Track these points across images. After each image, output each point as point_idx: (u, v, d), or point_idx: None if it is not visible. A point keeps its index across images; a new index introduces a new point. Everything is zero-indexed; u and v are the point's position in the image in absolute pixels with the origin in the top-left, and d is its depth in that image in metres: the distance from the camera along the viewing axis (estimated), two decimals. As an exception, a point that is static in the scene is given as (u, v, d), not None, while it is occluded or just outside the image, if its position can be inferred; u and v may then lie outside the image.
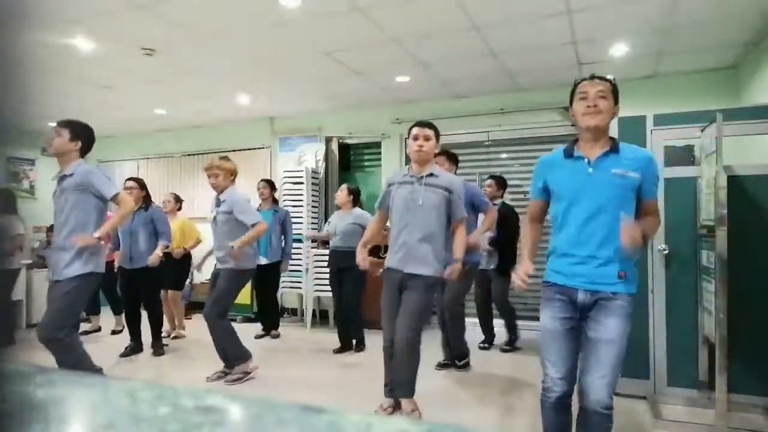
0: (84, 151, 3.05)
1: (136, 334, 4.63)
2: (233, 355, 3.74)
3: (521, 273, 2.04)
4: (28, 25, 3.68)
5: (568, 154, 2.07)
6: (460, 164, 4.31)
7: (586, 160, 2.01)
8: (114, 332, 5.44)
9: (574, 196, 2.01)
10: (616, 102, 2.04)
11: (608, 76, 2.08)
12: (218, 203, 3.77)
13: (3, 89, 0.46)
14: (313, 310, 5.92)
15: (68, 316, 2.88)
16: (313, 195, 6.15)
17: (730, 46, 4.33)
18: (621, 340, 1.93)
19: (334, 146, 6.41)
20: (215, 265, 3.83)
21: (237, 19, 3.74)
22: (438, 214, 2.89)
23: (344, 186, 4.84)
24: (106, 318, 5.67)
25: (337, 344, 4.73)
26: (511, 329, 4.73)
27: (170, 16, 3.68)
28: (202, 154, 7.35)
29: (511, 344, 4.70)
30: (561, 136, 5.56)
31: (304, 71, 4.94)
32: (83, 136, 3.02)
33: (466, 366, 4.07)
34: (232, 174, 3.81)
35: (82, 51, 4.29)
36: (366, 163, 6.74)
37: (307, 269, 5.75)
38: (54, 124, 2.99)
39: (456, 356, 4.08)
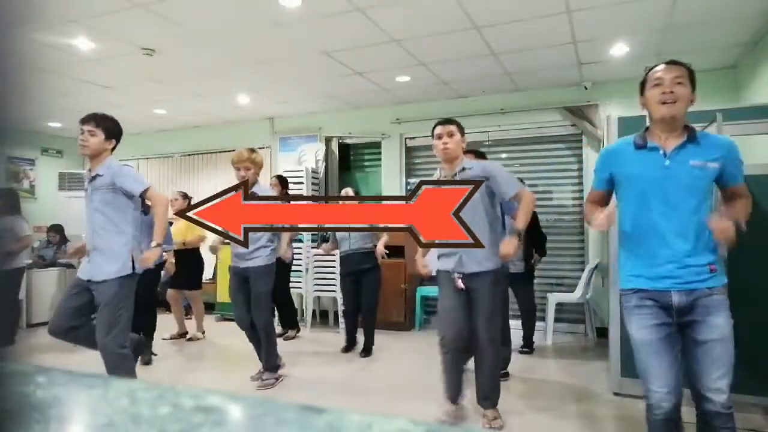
0: (114, 148, 2.95)
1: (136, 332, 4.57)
2: (270, 364, 3.68)
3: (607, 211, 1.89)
4: (28, 25, 3.68)
5: (640, 145, 1.92)
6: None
7: (661, 151, 1.87)
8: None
9: (651, 191, 1.86)
10: (693, 89, 1.88)
11: (686, 63, 1.92)
12: (248, 198, 3.66)
13: (3, 89, 0.46)
14: (313, 310, 5.93)
15: (126, 319, 2.82)
16: (313, 195, 6.15)
17: (730, 46, 4.33)
18: (731, 336, 1.81)
19: (334, 146, 6.41)
20: (235, 264, 3.61)
21: (237, 19, 3.74)
22: (483, 206, 2.75)
23: (349, 189, 4.84)
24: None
25: (339, 344, 4.74)
26: (531, 332, 4.64)
27: (170, 16, 3.68)
28: (202, 154, 7.36)
29: (530, 346, 4.62)
30: (561, 136, 5.58)
31: (304, 71, 4.94)
32: (115, 133, 2.93)
33: (505, 375, 3.76)
34: (261, 168, 3.69)
35: (82, 51, 4.29)
36: (366, 163, 6.74)
37: (307, 269, 5.76)
38: (86, 124, 2.81)
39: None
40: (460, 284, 2.77)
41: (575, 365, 4.22)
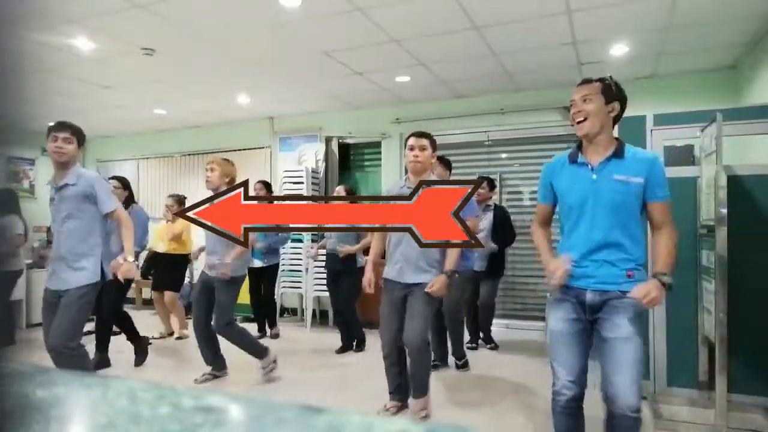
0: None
1: (104, 345, 4.23)
2: (256, 352, 3.77)
3: (561, 264, 1.96)
4: (28, 25, 3.68)
5: (573, 159, 2.06)
6: (460, 164, 4.33)
7: (589, 166, 1.99)
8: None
9: (580, 203, 1.99)
10: (611, 100, 1.97)
11: (604, 76, 2.04)
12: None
13: (3, 89, 0.46)
14: (313, 310, 5.93)
15: (80, 325, 2.89)
16: (313, 195, 6.15)
17: (730, 46, 4.33)
18: (637, 338, 1.90)
19: (334, 146, 6.41)
20: (204, 270, 3.74)
21: (237, 19, 3.74)
22: None
23: (341, 188, 4.83)
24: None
25: (337, 344, 4.74)
26: (488, 328, 4.81)
27: (170, 16, 3.68)
28: (202, 154, 7.35)
29: (489, 341, 4.78)
30: (561, 136, 5.56)
31: (304, 71, 4.94)
32: (84, 140, 3.00)
33: (465, 365, 4.11)
34: (227, 175, 3.71)
35: (82, 51, 4.29)
36: (366, 163, 6.74)
37: (307, 269, 5.76)
38: (61, 131, 2.83)
39: (456, 356, 4.13)
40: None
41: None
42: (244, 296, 5.55)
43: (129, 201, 4.52)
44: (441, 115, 5.79)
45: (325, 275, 5.66)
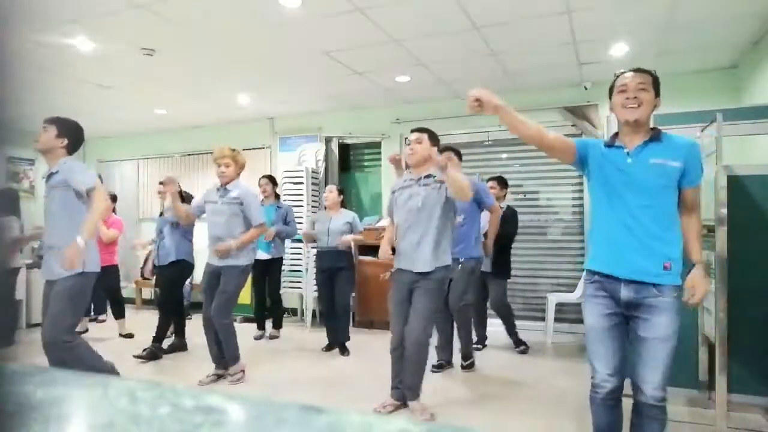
0: (71, 149, 2.97)
1: (180, 331, 4.68)
2: (232, 356, 3.74)
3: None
4: (28, 25, 3.68)
5: (609, 144, 2.06)
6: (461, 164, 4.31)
7: (625, 150, 1.99)
8: (122, 335, 5.31)
9: (614, 186, 1.99)
10: (657, 94, 2.01)
11: (650, 69, 2.04)
12: (224, 193, 3.69)
13: (3, 89, 0.46)
14: (313, 310, 5.92)
15: (69, 316, 2.85)
16: (313, 195, 6.16)
17: (730, 46, 4.33)
18: (673, 338, 1.93)
19: (334, 146, 6.41)
20: (210, 260, 3.72)
21: (237, 19, 3.74)
22: (439, 212, 2.94)
23: (333, 187, 4.84)
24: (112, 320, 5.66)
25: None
26: (513, 331, 4.69)
27: (170, 16, 3.68)
28: (202, 154, 7.35)
29: (518, 345, 4.64)
30: (561, 136, 5.56)
31: (304, 71, 4.94)
32: (70, 132, 2.95)
33: (471, 366, 4.06)
34: (242, 168, 3.78)
35: (82, 51, 4.29)
36: (366, 163, 6.74)
37: (306, 269, 5.75)
38: (43, 123, 2.93)
39: (463, 356, 4.08)
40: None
41: (575, 365, 4.21)
42: (244, 296, 5.55)
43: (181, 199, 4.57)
44: (441, 115, 5.79)
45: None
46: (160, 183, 4.64)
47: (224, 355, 3.74)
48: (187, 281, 5.85)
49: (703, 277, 1.95)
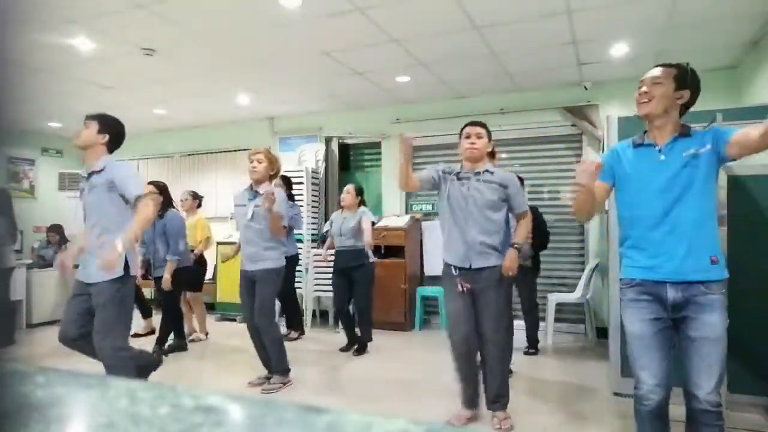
0: (112, 146, 2.89)
1: (179, 331, 4.67)
2: (280, 368, 3.61)
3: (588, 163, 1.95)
4: (28, 25, 3.68)
5: (638, 143, 2.01)
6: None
7: (657, 147, 1.94)
8: (136, 335, 5.17)
9: (649, 185, 1.92)
10: (683, 87, 1.92)
11: (682, 63, 1.99)
12: (254, 196, 3.53)
13: (3, 89, 0.46)
14: (313, 310, 5.93)
15: (123, 322, 2.76)
16: (313, 195, 6.16)
17: (730, 46, 4.33)
18: (724, 338, 1.84)
19: (334, 146, 6.41)
20: (244, 267, 3.56)
21: (237, 19, 3.74)
22: (496, 210, 2.87)
23: (351, 187, 4.72)
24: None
25: (339, 344, 4.74)
26: (536, 332, 4.61)
27: (170, 16, 3.68)
28: (202, 154, 7.36)
29: (533, 346, 4.58)
30: (561, 136, 5.57)
31: (304, 71, 4.94)
32: (112, 129, 2.89)
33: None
34: (273, 166, 3.63)
35: (82, 51, 4.29)
36: (366, 163, 6.74)
37: (307, 269, 5.75)
38: (85, 120, 2.87)
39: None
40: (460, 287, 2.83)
41: (575, 365, 4.21)
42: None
43: (166, 206, 4.49)
44: (441, 115, 5.79)
45: (325, 276, 5.67)
46: (149, 183, 4.54)
47: (270, 362, 3.61)
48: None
49: None
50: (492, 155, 3.95)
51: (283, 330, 5.31)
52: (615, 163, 2.05)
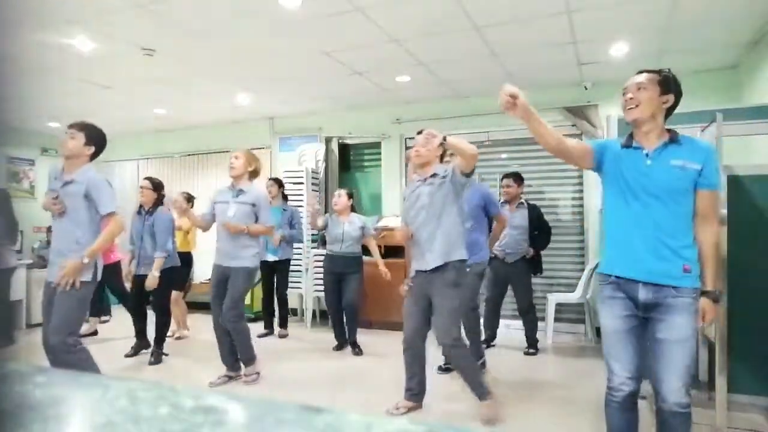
0: (94, 156, 2.98)
1: (142, 333, 4.62)
2: (247, 357, 3.70)
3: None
4: (28, 25, 3.68)
5: (626, 145, 2.03)
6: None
7: (644, 151, 1.97)
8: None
9: (632, 188, 1.96)
10: (667, 92, 1.97)
11: (663, 68, 2.03)
12: (236, 194, 3.64)
13: (3, 89, 0.46)
14: (313, 310, 5.93)
15: (75, 320, 2.89)
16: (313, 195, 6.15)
17: (731, 46, 4.33)
18: (692, 339, 1.89)
19: (334, 146, 6.41)
20: (218, 261, 3.66)
21: (237, 19, 3.74)
22: (445, 208, 2.91)
23: (342, 191, 4.74)
24: (121, 318, 5.62)
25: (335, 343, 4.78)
26: (535, 332, 4.60)
27: (170, 16, 3.68)
28: (202, 154, 7.36)
29: (533, 347, 4.57)
30: (561, 136, 5.56)
31: (304, 71, 4.94)
32: (97, 140, 2.96)
33: (482, 366, 3.92)
34: (252, 163, 3.74)
35: (82, 51, 4.29)
36: (366, 163, 6.74)
37: (307, 269, 5.75)
38: (70, 128, 2.91)
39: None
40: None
41: (575, 365, 4.21)
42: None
43: (157, 203, 4.51)
44: (441, 115, 5.79)
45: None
46: (146, 179, 4.57)
47: (239, 356, 3.70)
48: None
49: (712, 306, 1.92)
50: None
51: (277, 330, 5.41)
52: (608, 154, 2.07)
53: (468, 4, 3.50)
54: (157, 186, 4.54)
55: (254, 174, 3.79)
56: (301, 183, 5.98)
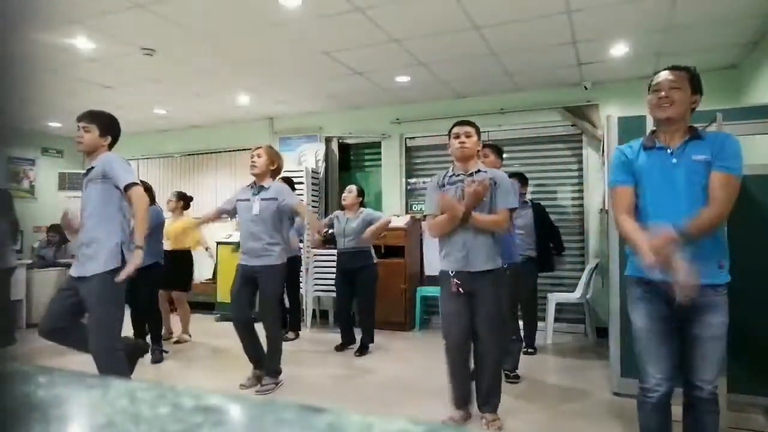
0: (112, 146, 2.88)
1: (140, 334, 4.50)
2: (274, 369, 3.58)
3: (660, 238, 1.78)
4: (29, 25, 3.68)
5: (648, 146, 2.02)
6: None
7: (669, 150, 1.97)
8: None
9: (660, 188, 1.95)
10: (695, 92, 1.97)
11: (690, 66, 2.01)
12: (258, 190, 3.53)
13: (3, 89, 0.46)
14: (313, 310, 5.93)
15: (117, 319, 2.73)
16: (313, 195, 6.15)
17: (731, 46, 4.33)
18: (725, 335, 1.93)
19: (334, 146, 6.41)
20: (244, 261, 3.51)
21: (237, 19, 3.74)
22: (490, 209, 2.80)
23: (353, 187, 4.71)
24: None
25: (338, 343, 4.74)
26: (534, 332, 4.58)
27: (170, 16, 3.68)
28: (202, 154, 7.36)
29: (530, 346, 4.53)
30: (561, 136, 5.57)
31: (304, 71, 4.94)
32: (111, 129, 2.86)
33: (516, 378, 3.73)
34: (274, 162, 3.60)
35: (82, 51, 4.29)
36: (366, 163, 6.74)
37: (307, 269, 5.75)
38: (81, 121, 2.79)
39: (511, 367, 3.75)
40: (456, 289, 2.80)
41: (575, 365, 4.22)
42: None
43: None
44: (441, 115, 5.79)
45: (324, 275, 5.68)
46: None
47: (265, 364, 3.58)
48: None
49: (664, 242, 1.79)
50: (499, 153, 3.90)
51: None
52: (629, 163, 2.04)
53: (468, 4, 3.50)
54: (146, 189, 4.46)
55: (277, 171, 3.68)
56: (301, 183, 5.98)
